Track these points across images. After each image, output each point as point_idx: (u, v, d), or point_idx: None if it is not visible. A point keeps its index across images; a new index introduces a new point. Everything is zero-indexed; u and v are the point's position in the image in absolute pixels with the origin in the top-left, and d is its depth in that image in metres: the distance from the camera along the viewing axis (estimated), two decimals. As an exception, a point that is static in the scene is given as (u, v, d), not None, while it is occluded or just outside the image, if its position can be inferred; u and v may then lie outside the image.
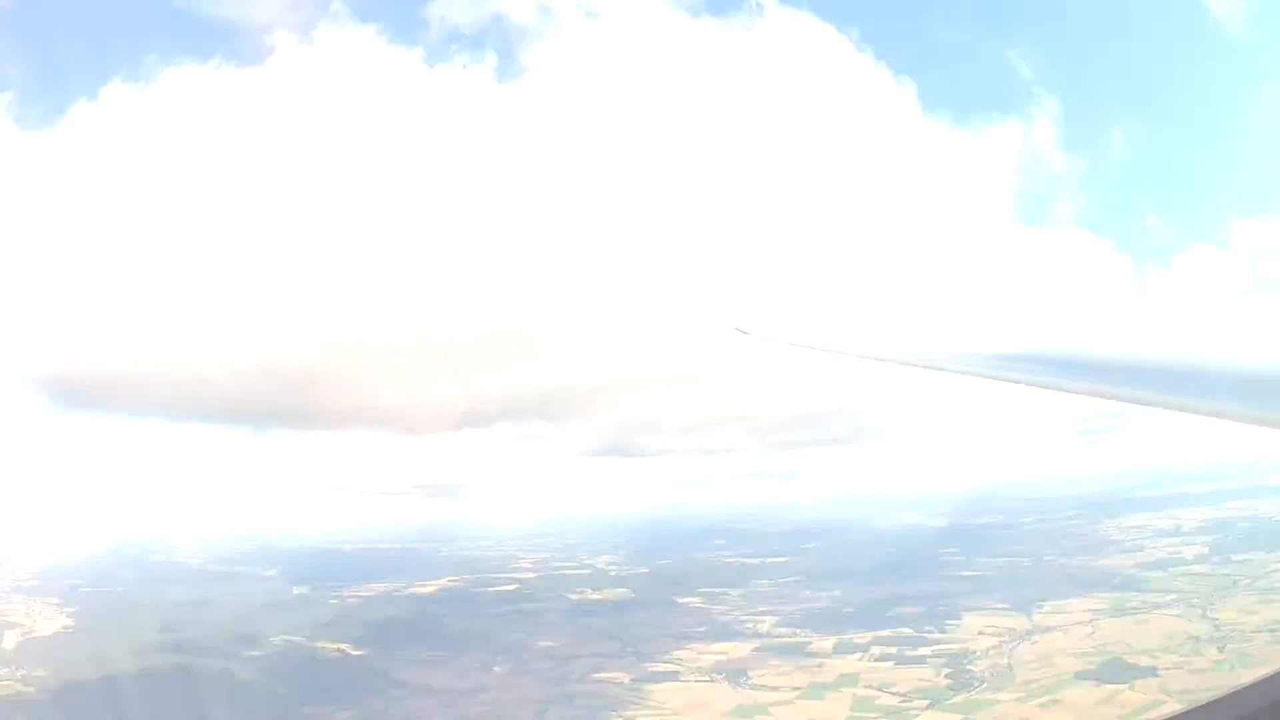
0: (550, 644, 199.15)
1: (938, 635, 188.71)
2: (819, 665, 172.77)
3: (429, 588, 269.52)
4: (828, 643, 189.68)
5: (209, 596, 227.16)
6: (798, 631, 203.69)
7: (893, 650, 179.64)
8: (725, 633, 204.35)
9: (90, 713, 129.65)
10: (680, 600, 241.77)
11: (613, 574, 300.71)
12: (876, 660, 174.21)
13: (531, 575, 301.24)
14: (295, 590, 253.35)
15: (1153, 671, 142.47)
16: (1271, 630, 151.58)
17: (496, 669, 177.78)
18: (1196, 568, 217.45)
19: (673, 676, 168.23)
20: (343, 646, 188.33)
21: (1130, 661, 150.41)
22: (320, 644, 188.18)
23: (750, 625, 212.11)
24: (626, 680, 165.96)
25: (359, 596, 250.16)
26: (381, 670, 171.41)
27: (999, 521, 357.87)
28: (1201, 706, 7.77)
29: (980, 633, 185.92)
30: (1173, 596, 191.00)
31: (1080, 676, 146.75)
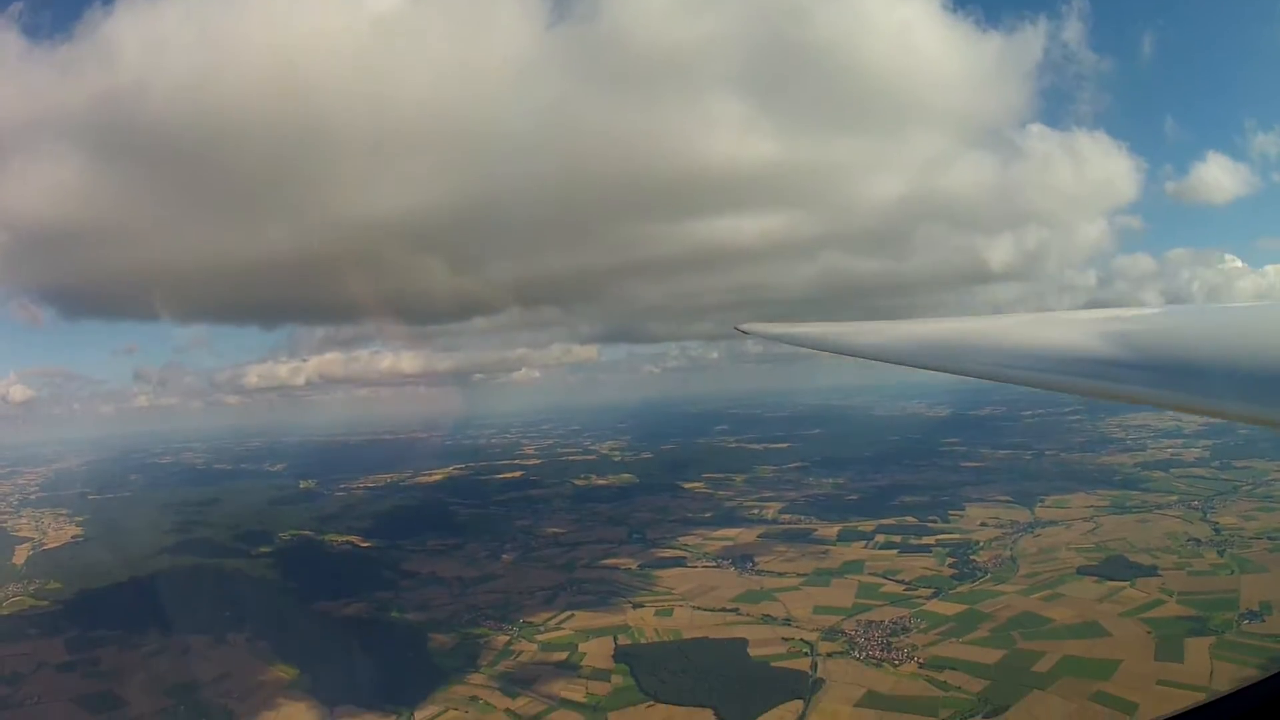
0: (557, 530, 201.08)
1: (941, 525, 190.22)
2: (824, 552, 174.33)
3: (435, 477, 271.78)
4: (832, 530, 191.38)
5: (217, 496, 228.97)
6: (802, 518, 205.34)
7: (897, 539, 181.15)
8: (730, 518, 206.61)
9: (104, 620, 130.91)
10: (685, 486, 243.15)
11: (617, 460, 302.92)
12: (881, 548, 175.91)
13: (536, 462, 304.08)
14: (302, 484, 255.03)
15: (1153, 570, 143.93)
16: (1271, 538, 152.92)
17: (505, 556, 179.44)
18: (1197, 470, 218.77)
19: (679, 562, 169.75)
20: (351, 539, 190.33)
21: (1131, 559, 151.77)
22: (329, 537, 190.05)
23: (755, 511, 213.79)
24: (634, 566, 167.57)
25: (365, 488, 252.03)
26: (390, 561, 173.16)
27: (1001, 414, 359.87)
28: (1201, 706, 7.54)
29: (983, 524, 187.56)
30: (1174, 498, 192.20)
31: (1082, 571, 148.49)
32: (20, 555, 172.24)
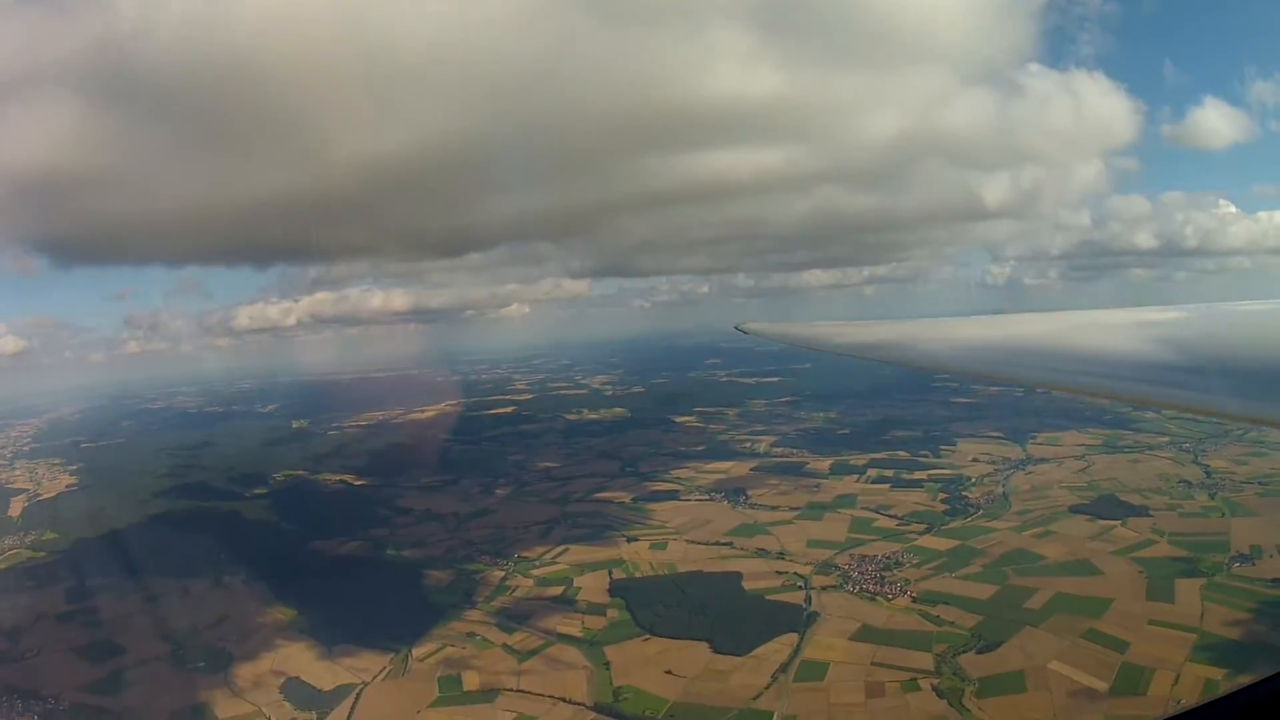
0: (550, 465, 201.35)
1: (932, 460, 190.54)
2: (816, 486, 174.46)
3: (427, 414, 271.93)
4: (824, 464, 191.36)
5: (210, 439, 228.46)
6: (794, 452, 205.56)
7: (889, 473, 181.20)
8: (722, 452, 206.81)
9: (101, 569, 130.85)
10: (677, 420, 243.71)
11: (609, 394, 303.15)
12: (873, 483, 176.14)
13: (528, 397, 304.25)
14: (295, 425, 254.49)
15: (1145, 511, 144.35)
16: (1261, 483, 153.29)
17: (498, 491, 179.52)
18: (1189, 413, 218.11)
19: (672, 495, 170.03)
20: (345, 477, 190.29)
21: (1123, 499, 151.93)
22: (323, 476, 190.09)
23: (747, 445, 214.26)
24: (627, 500, 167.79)
25: (358, 427, 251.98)
26: (385, 498, 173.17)
27: None
28: (1201, 706, 7.27)
29: (974, 459, 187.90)
30: (1165, 439, 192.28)
31: (1074, 510, 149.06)
32: (15, 507, 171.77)
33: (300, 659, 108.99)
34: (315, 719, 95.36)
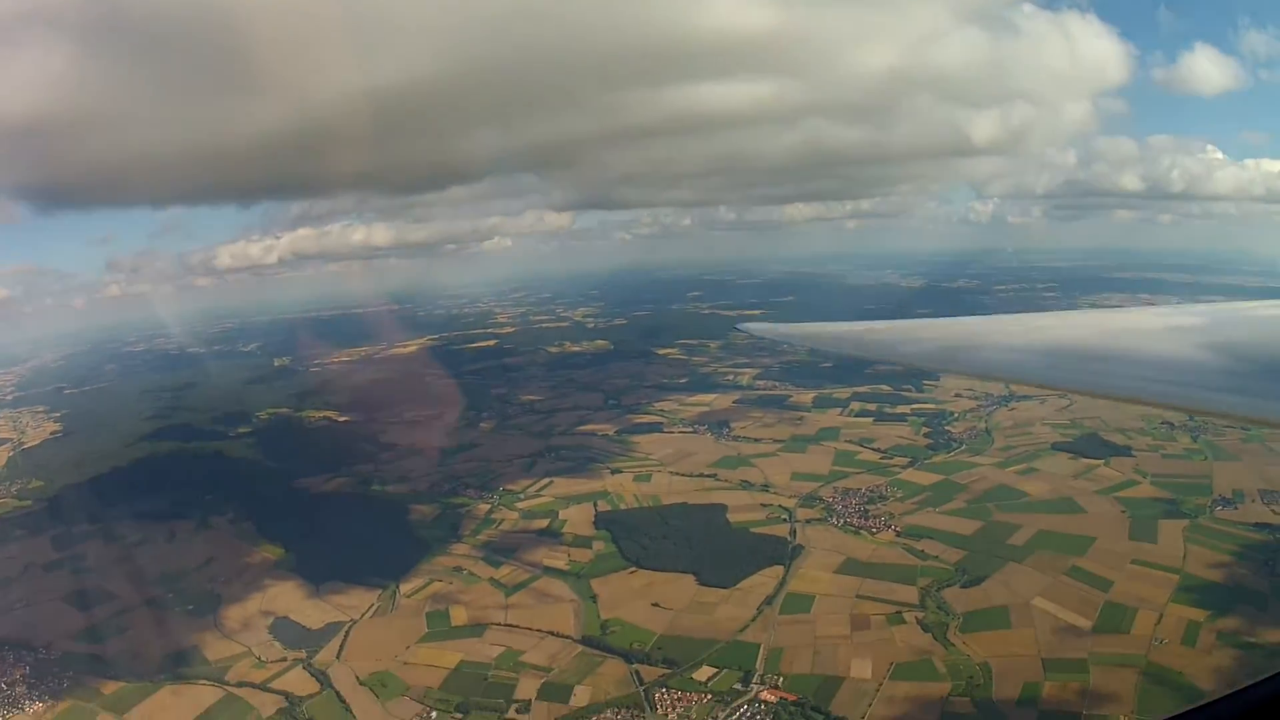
0: (533, 398, 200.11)
1: (915, 395, 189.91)
2: (799, 419, 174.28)
3: (409, 349, 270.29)
4: (807, 396, 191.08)
5: (193, 380, 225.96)
6: (777, 385, 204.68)
7: (872, 407, 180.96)
8: (705, 384, 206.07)
9: (88, 515, 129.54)
10: (659, 352, 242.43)
11: (591, 327, 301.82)
12: (856, 416, 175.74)
13: (510, 330, 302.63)
14: (277, 362, 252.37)
15: (1127, 451, 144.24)
16: (1244, 428, 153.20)
17: (482, 425, 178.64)
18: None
19: (656, 428, 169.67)
20: (329, 414, 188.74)
21: (1105, 439, 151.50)
22: (306, 413, 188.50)
23: (730, 377, 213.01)
24: (611, 432, 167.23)
25: (340, 363, 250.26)
26: (369, 434, 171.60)
27: (975, 287, 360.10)
28: (1202, 706, 7.17)
29: (957, 395, 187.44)
30: None
31: (1057, 447, 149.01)
32: (0, 457, 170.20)
33: (288, 598, 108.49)
34: (305, 658, 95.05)
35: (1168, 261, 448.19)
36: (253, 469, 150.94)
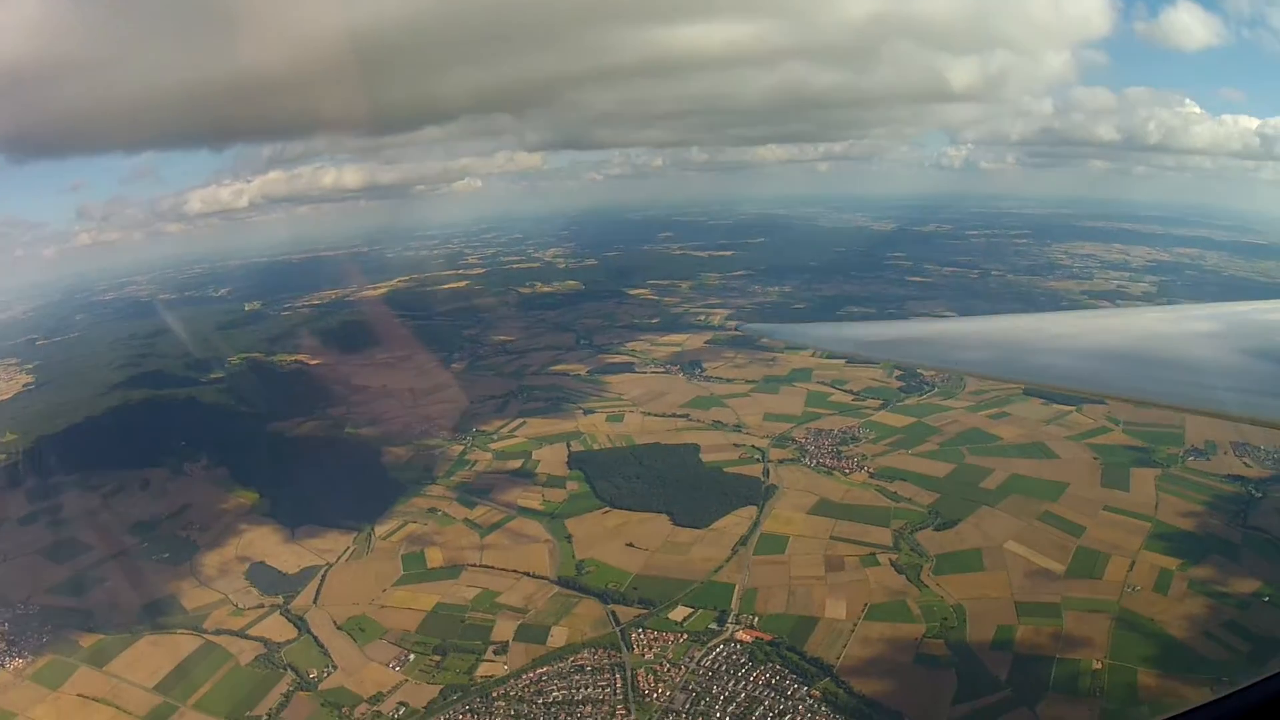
0: (505, 338, 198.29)
1: None
2: (772, 359, 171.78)
3: (380, 290, 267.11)
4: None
5: (164, 326, 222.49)
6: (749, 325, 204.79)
7: None
8: (677, 325, 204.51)
9: (62, 466, 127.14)
10: (630, 292, 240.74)
11: (561, 267, 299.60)
12: (828, 357, 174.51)
13: (480, 271, 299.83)
14: (248, 307, 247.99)
15: (1100, 400, 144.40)
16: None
17: (454, 366, 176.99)
18: (1144, 305, 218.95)
19: (628, 368, 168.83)
20: (300, 357, 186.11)
21: None
22: (278, 358, 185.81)
23: (701, 317, 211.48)
24: (583, 372, 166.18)
25: (311, 306, 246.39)
26: (341, 377, 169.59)
27: (947, 232, 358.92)
28: (1202, 706, 7.22)
29: None
30: None
31: (1029, 393, 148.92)
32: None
33: (264, 543, 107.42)
34: (282, 603, 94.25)
35: (1140, 213, 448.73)
36: (226, 415, 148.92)
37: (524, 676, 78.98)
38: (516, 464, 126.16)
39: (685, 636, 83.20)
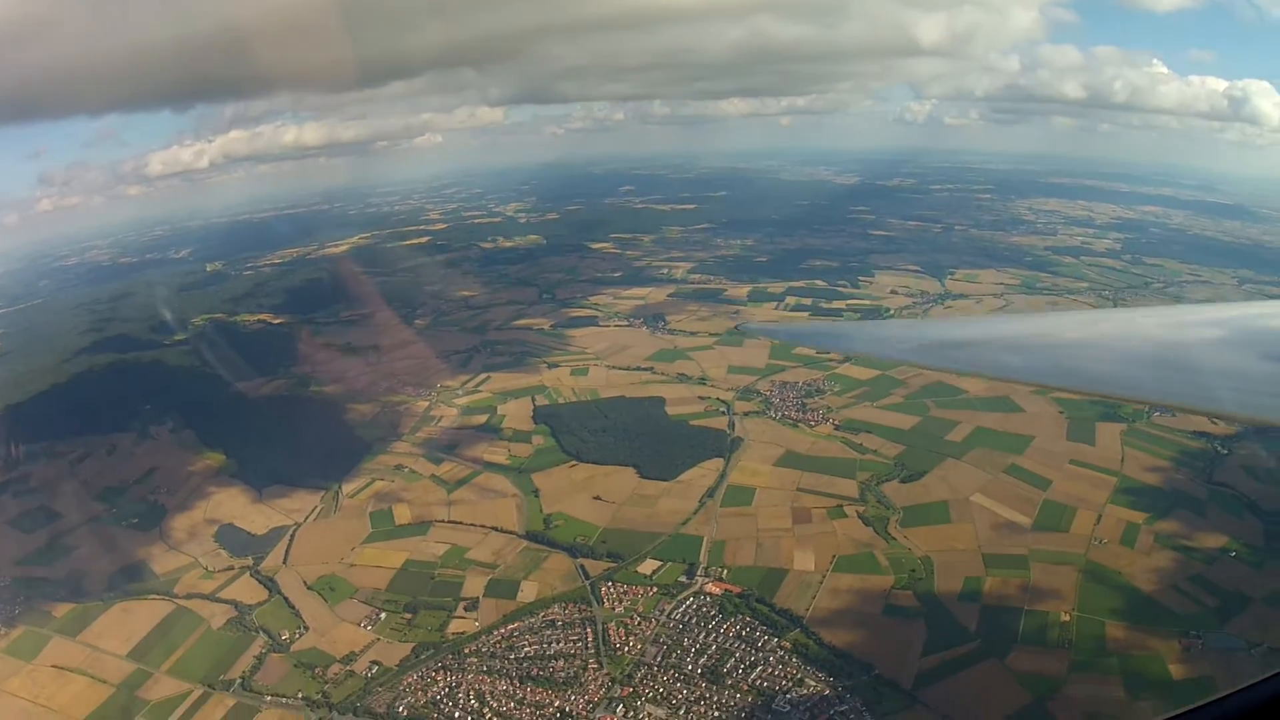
0: (467, 294, 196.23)
1: (851, 290, 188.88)
2: (735, 312, 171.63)
3: (341, 247, 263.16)
4: (742, 290, 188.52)
5: (127, 290, 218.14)
6: (711, 278, 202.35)
7: (807, 301, 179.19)
8: (640, 278, 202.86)
9: (29, 434, 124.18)
10: (592, 246, 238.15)
11: (523, 222, 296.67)
12: (791, 310, 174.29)
13: (442, 227, 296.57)
14: (209, 268, 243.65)
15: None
16: None
17: (418, 322, 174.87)
18: (1108, 261, 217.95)
19: (591, 321, 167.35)
20: (264, 317, 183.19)
21: None
22: (241, 318, 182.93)
23: (664, 271, 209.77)
24: (546, 326, 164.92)
25: (273, 265, 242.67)
26: (305, 335, 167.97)
27: (910, 186, 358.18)
28: (1201, 706, 7.09)
29: (893, 291, 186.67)
30: (1084, 285, 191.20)
31: None
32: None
33: (232, 505, 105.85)
34: (251, 565, 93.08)
35: (1104, 170, 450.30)
36: (190, 376, 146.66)
37: (495, 632, 78.42)
38: (482, 419, 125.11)
39: (655, 589, 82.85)
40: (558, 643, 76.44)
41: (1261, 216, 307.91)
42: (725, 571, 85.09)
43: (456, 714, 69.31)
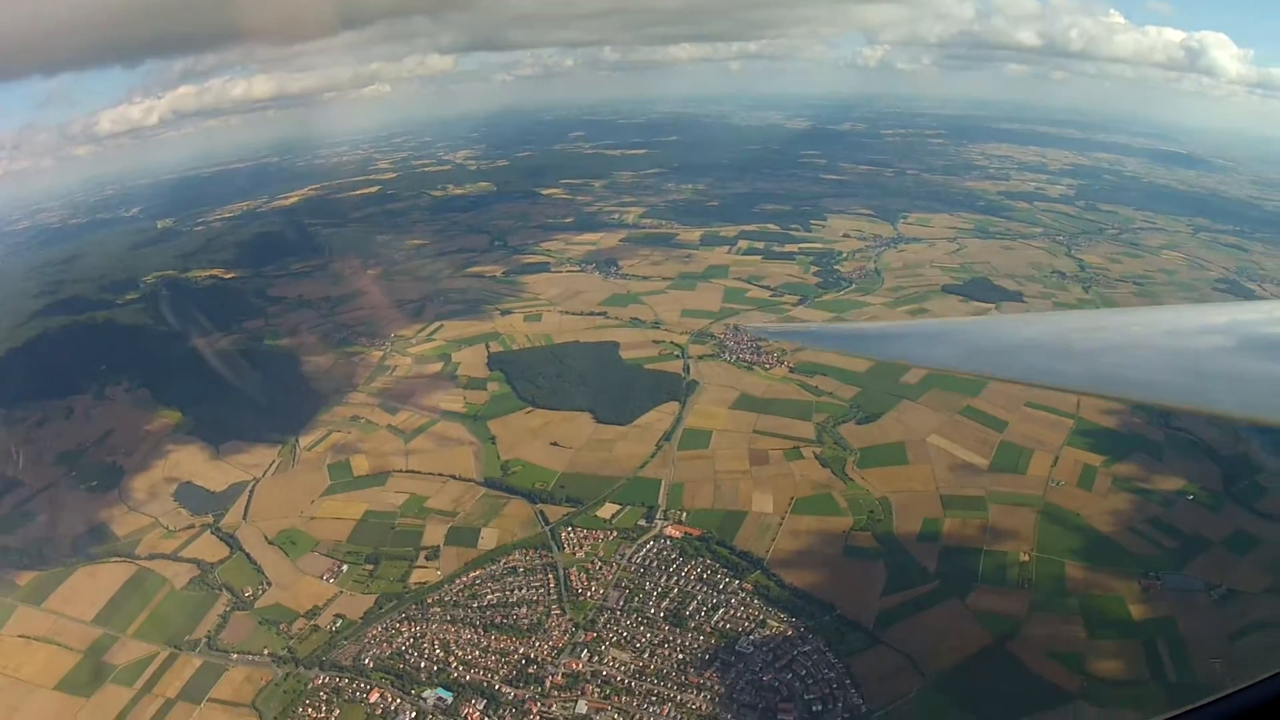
0: (419, 242, 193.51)
1: (803, 234, 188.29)
2: (687, 256, 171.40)
3: (291, 200, 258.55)
4: (694, 234, 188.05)
5: (78, 251, 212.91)
6: (663, 223, 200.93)
7: (759, 245, 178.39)
8: (591, 223, 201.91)
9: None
10: (543, 192, 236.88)
11: (473, 169, 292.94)
12: (744, 254, 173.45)
13: (391, 176, 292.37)
14: (160, 225, 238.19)
15: (1018, 296, 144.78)
16: (1137, 282, 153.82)
17: (370, 272, 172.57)
18: (1061, 207, 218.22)
19: (543, 268, 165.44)
20: (215, 272, 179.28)
21: (995, 283, 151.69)
22: (193, 274, 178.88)
23: (616, 216, 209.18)
24: (499, 273, 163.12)
25: (223, 219, 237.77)
26: (257, 289, 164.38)
27: (861, 131, 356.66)
28: (1202, 706, 6.93)
29: (845, 235, 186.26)
30: (1038, 229, 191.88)
31: (947, 290, 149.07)
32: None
33: (191, 462, 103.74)
34: (212, 522, 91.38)
35: (1058, 117, 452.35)
36: (144, 335, 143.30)
37: (457, 581, 77.62)
38: (436, 367, 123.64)
39: (615, 534, 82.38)
40: (520, 589, 75.73)
41: (1217, 166, 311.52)
42: (684, 514, 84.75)
43: (422, 664, 68.54)
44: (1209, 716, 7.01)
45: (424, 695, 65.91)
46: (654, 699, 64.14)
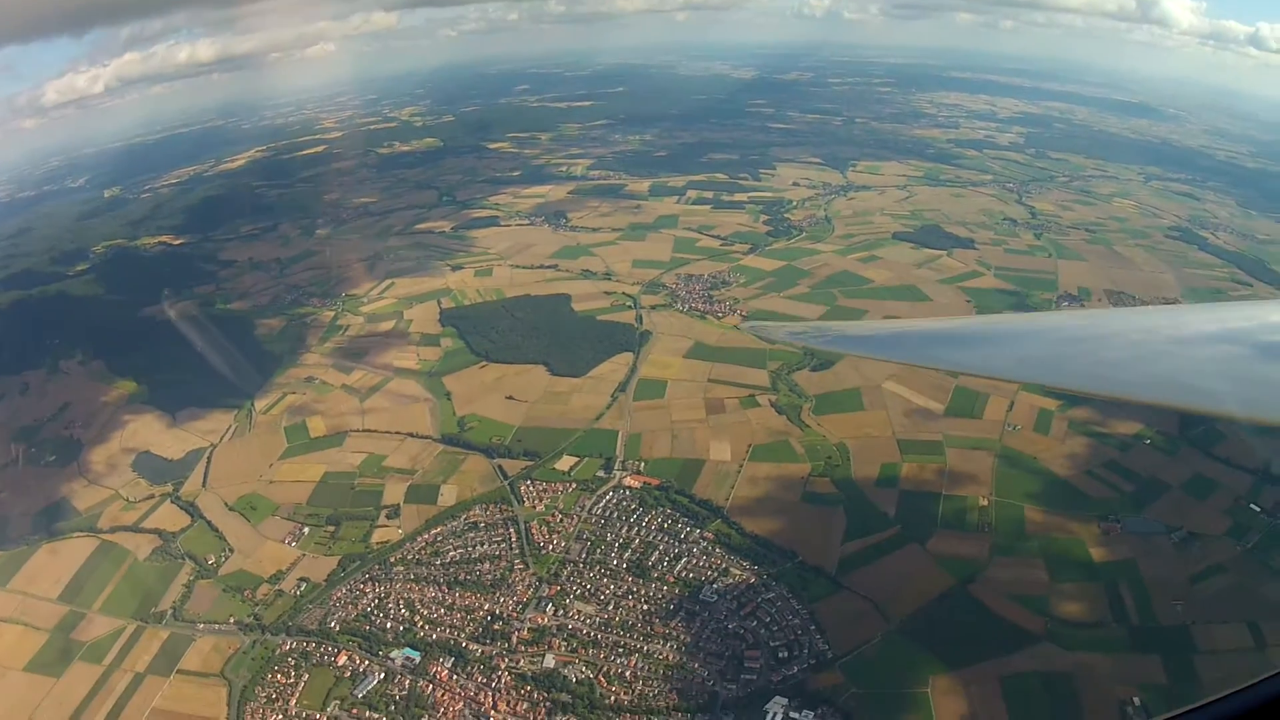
0: (367, 200, 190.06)
1: (752, 183, 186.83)
2: (637, 207, 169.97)
3: (238, 162, 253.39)
4: (643, 185, 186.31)
5: (26, 224, 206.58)
6: (611, 174, 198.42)
7: (709, 195, 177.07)
8: (539, 176, 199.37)
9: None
10: (490, 146, 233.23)
11: (419, 125, 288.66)
12: (693, 204, 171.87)
13: (337, 135, 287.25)
14: (107, 193, 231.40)
15: (970, 244, 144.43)
16: (1089, 229, 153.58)
17: (319, 232, 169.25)
18: (1012, 154, 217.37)
19: (493, 222, 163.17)
20: (164, 238, 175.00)
21: (947, 230, 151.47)
22: (142, 241, 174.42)
23: (564, 168, 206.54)
24: (448, 229, 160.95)
25: (170, 185, 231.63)
26: (206, 253, 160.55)
27: (808, 79, 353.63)
28: (1201, 706, 6.80)
29: (795, 184, 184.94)
30: (988, 177, 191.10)
31: (898, 237, 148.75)
32: None
33: (148, 431, 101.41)
34: (171, 491, 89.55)
35: (1007, 66, 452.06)
36: (96, 305, 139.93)
37: (419, 539, 76.62)
38: (389, 325, 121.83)
39: (574, 486, 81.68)
40: (482, 545, 74.92)
41: (1169, 116, 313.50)
42: (643, 464, 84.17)
43: (388, 625, 67.65)
44: (1209, 716, 6.96)
45: (391, 656, 64.97)
46: (621, 650, 63.65)
